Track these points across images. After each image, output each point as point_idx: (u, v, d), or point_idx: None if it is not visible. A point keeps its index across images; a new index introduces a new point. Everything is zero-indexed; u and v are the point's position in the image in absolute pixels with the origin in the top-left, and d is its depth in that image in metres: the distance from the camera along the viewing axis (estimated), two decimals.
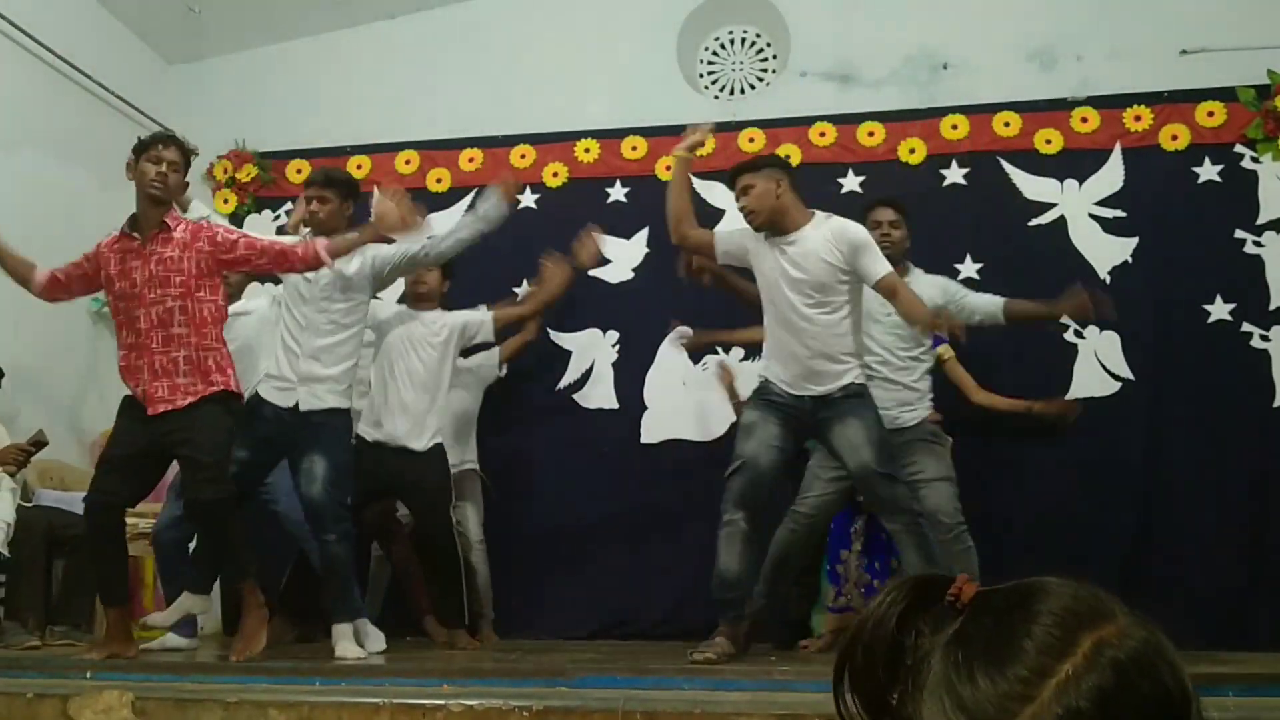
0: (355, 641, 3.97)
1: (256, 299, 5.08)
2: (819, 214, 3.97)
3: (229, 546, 3.80)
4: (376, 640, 4.21)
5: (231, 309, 4.33)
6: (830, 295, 3.85)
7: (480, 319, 4.85)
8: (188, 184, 4.04)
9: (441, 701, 2.60)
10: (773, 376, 3.93)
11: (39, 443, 4.59)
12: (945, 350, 4.74)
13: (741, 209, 3.95)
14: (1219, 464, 4.91)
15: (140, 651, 3.77)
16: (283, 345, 4.20)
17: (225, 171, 5.96)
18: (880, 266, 3.84)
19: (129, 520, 5.12)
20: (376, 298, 4.53)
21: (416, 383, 4.64)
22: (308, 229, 4.35)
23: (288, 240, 4.10)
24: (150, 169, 3.79)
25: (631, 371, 5.54)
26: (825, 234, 3.87)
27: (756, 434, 3.85)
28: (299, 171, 5.91)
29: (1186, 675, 0.73)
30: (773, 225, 3.91)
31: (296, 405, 4.10)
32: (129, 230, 3.84)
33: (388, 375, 4.66)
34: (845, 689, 0.79)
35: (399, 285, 4.95)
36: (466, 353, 5.01)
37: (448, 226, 4.60)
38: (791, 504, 4.23)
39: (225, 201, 5.92)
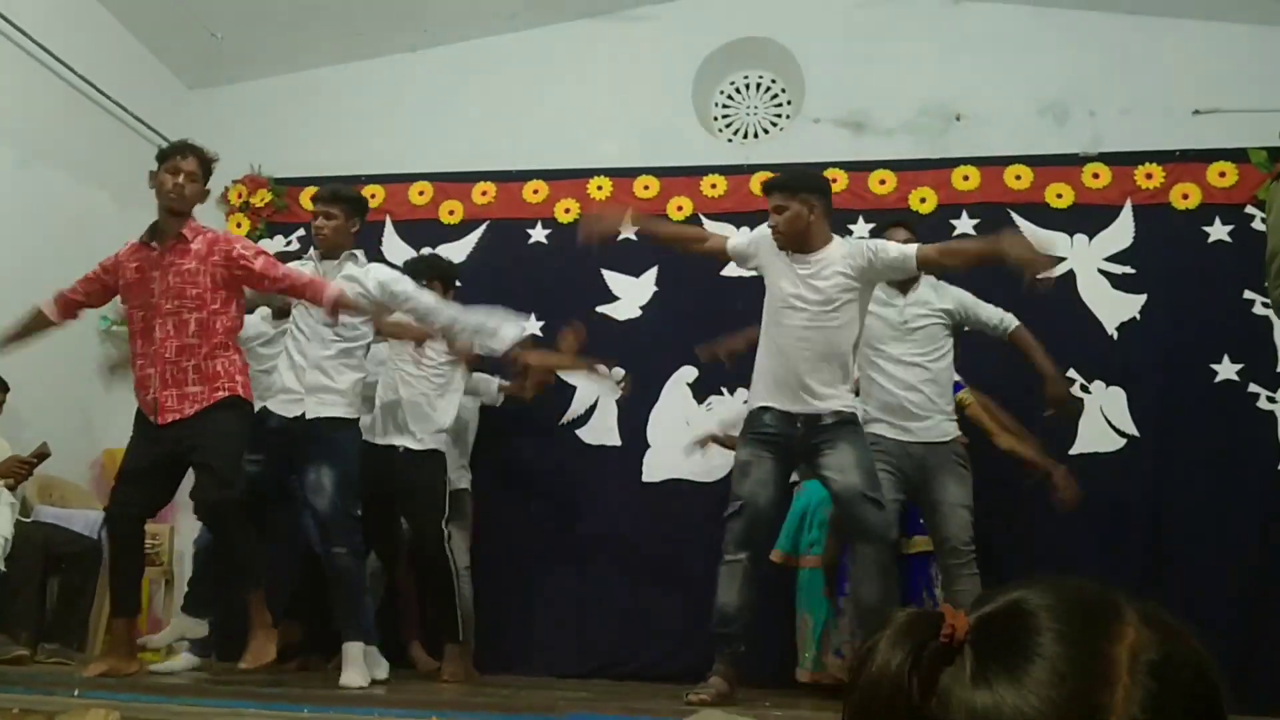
0: (364, 664, 3.90)
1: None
2: (837, 238, 4.00)
3: (237, 553, 3.77)
4: (381, 667, 4.14)
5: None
6: (834, 313, 3.84)
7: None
8: (208, 192, 4.04)
9: None
10: (762, 402, 3.89)
11: (41, 455, 4.58)
12: (965, 395, 4.67)
13: (771, 226, 3.91)
14: (1223, 525, 4.88)
15: (148, 673, 3.75)
16: (288, 359, 4.19)
17: (240, 196, 6.00)
18: (907, 248, 3.89)
19: None
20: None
21: (416, 387, 4.64)
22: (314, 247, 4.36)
23: (306, 271, 4.07)
24: (168, 180, 3.79)
25: (635, 409, 5.53)
26: (843, 250, 3.90)
27: (752, 473, 3.82)
28: (313, 199, 5.95)
29: (1206, 650, 0.75)
30: (797, 246, 3.90)
31: (303, 415, 4.07)
32: (148, 240, 3.85)
33: (395, 380, 4.65)
34: None
35: None
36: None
37: (470, 315, 4.27)
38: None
39: (239, 225, 5.95)
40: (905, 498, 4.25)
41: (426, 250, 5.84)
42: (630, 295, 5.68)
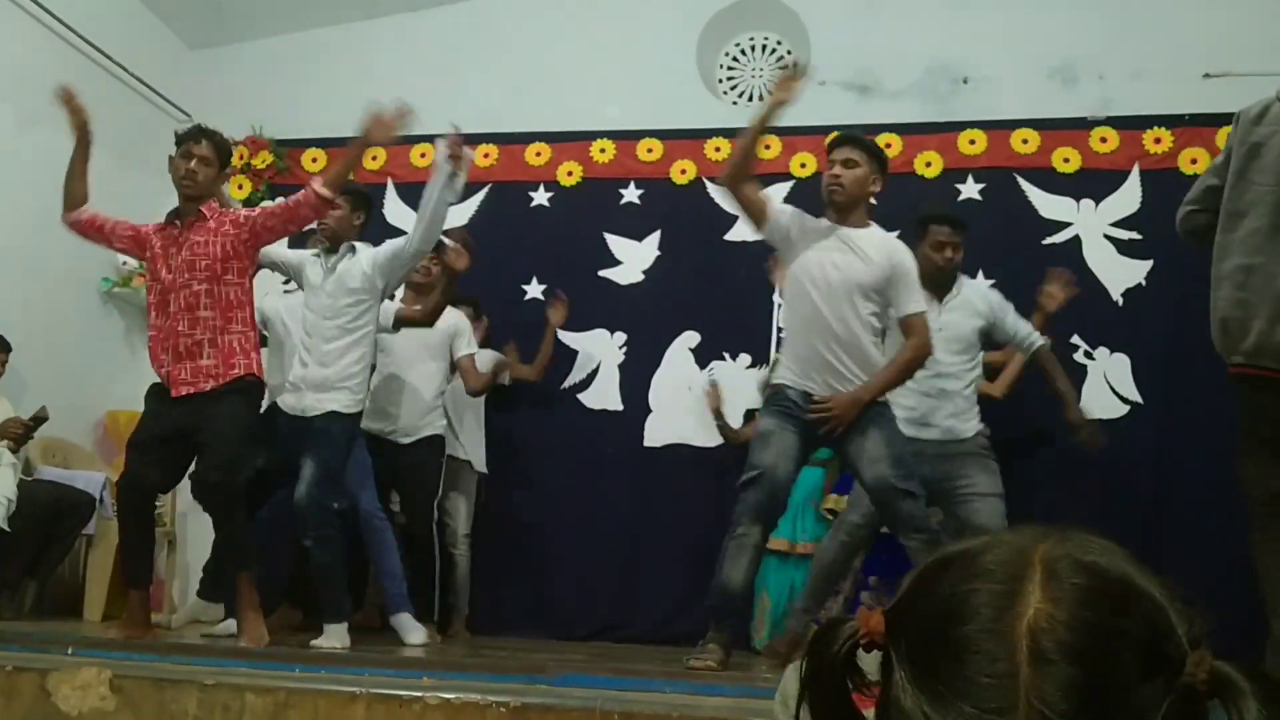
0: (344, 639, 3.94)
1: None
2: (874, 224, 3.84)
3: (227, 535, 3.83)
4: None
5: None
6: (870, 300, 3.72)
7: (466, 330, 4.85)
8: (228, 175, 4.10)
9: (419, 693, 2.58)
10: (789, 380, 3.73)
11: (39, 418, 4.60)
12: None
13: (834, 178, 3.73)
14: (1224, 492, 4.83)
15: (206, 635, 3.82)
16: (297, 353, 4.22)
17: (241, 158, 5.95)
18: (915, 303, 3.74)
19: None
20: (391, 298, 4.46)
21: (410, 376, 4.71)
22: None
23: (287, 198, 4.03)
24: (181, 165, 3.83)
25: (637, 374, 5.53)
26: (880, 240, 3.76)
27: (774, 443, 3.64)
28: (314, 160, 5.93)
29: (1147, 584, 0.71)
30: (845, 213, 3.73)
31: (304, 410, 4.07)
32: (171, 219, 3.92)
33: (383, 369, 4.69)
34: None
35: None
36: None
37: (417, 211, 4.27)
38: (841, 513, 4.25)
39: (240, 187, 5.94)
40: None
41: None
42: (633, 259, 5.65)
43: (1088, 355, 5.13)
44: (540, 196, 5.78)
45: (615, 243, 5.67)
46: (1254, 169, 2.80)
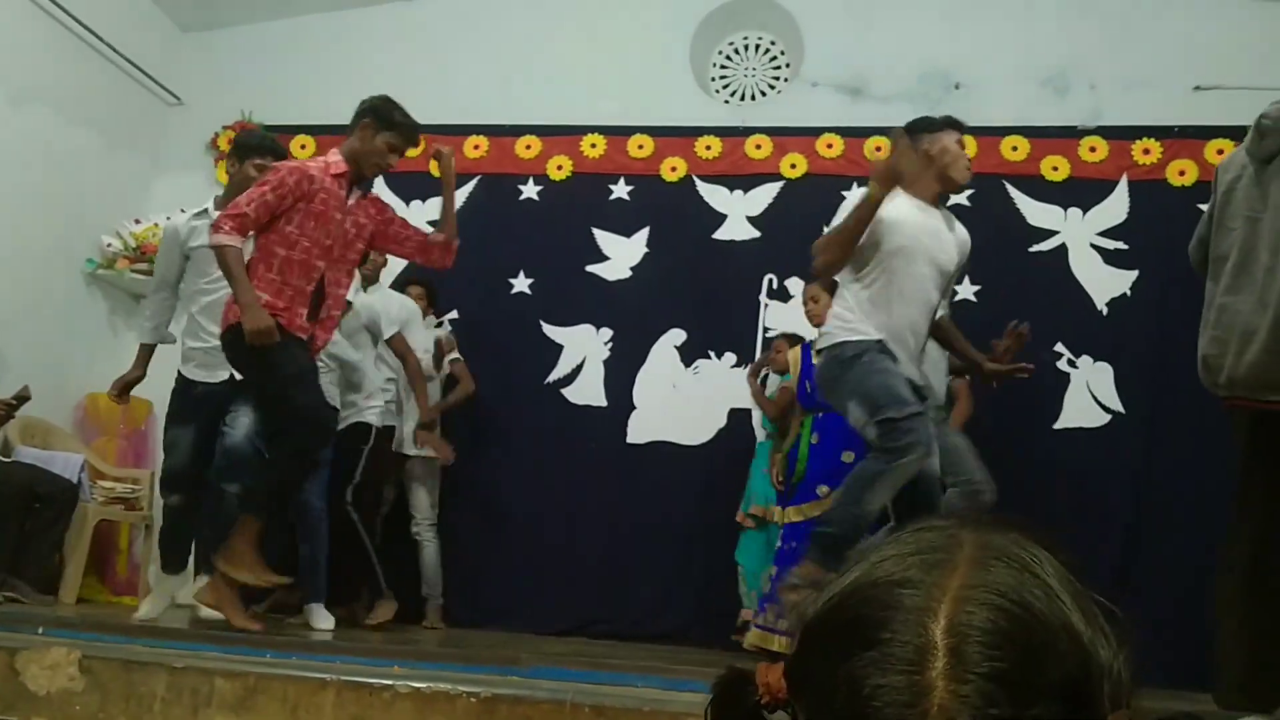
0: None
1: None
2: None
3: (284, 493, 3.82)
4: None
5: None
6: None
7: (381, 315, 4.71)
8: None
9: (389, 682, 2.57)
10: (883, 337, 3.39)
11: (22, 398, 4.57)
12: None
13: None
14: (1204, 503, 4.86)
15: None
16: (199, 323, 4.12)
17: (229, 142, 5.93)
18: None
19: (108, 484, 5.15)
20: None
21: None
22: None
23: (425, 230, 4.01)
24: (388, 155, 3.75)
25: (622, 370, 5.52)
26: (959, 228, 3.63)
27: (906, 386, 3.29)
28: (303, 147, 5.90)
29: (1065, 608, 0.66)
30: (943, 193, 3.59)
31: (231, 377, 3.96)
32: (343, 180, 3.76)
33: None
34: None
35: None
36: None
37: None
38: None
39: (227, 172, 5.90)
40: None
41: (417, 204, 5.81)
42: (621, 255, 5.64)
43: (1071, 364, 5.14)
44: (529, 189, 5.77)
45: (603, 238, 5.66)
46: (1228, 215, 2.97)
